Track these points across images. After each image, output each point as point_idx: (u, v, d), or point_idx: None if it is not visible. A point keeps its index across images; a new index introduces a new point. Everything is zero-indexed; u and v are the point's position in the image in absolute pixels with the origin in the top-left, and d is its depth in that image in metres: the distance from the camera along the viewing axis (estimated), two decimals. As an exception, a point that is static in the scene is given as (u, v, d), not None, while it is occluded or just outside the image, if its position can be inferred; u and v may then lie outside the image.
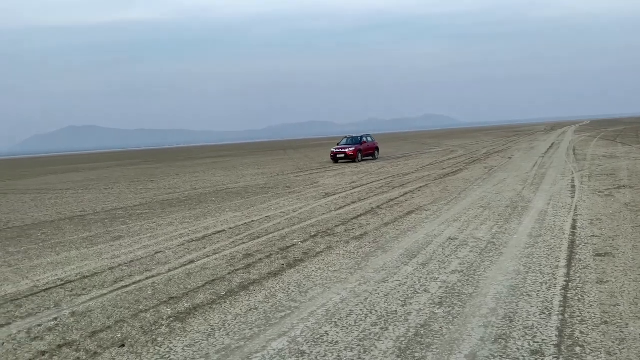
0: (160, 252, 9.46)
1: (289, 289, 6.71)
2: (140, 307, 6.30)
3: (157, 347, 5.02)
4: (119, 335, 5.39)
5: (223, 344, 5.04)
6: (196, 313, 5.95)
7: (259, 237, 10.25)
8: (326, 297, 6.30)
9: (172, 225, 12.40)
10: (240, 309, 6.01)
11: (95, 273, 8.16)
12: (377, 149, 35.56)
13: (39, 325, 5.86)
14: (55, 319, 6.05)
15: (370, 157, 34.48)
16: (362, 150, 33.18)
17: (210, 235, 10.84)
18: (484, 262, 7.43)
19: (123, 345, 5.10)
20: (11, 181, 38.34)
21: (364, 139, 34.58)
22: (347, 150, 32.44)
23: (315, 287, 6.73)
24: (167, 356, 4.81)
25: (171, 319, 5.79)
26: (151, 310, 6.13)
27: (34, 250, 10.41)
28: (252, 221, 12.25)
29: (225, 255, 8.82)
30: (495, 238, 8.93)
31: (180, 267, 8.21)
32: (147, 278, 7.65)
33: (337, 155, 32.41)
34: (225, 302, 6.29)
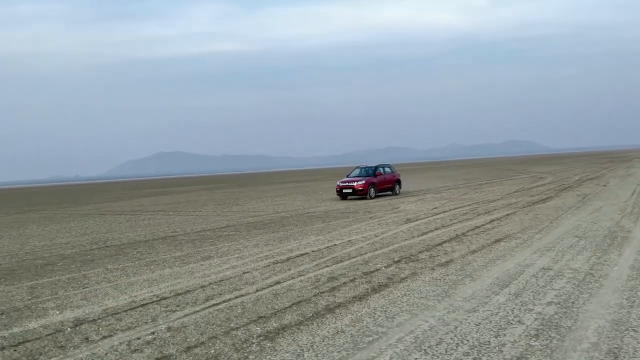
0: (248, 272, 9.72)
1: (375, 313, 6.65)
2: (231, 324, 6.48)
3: (248, 365, 5.14)
4: (212, 352, 5.57)
5: (312, 365, 5.08)
6: (285, 333, 6.04)
7: (341, 261, 10.27)
8: (414, 323, 6.18)
9: (257, 247, 12.72)
10: (328, 331, 6.03)
11: (188, 291, 8.52)
12: (398, 182, 28.90)
13: (138, 339, 6.18)
14: (153, 333, 6.37)
15: (390, 193, 28.39)
16: (375, 184, 26.92)
17: (294, 257, 11.00)
18: (583, 294, 7.00)
19: (217, 361, 5.26)
20: (108, 203, 41.06)
21: (380, 169, 27.98)
22: (355, 184, 26.47)
23: (401, 313, 6.62)
24: (258, 374, 4.91)
25: (261, 338, 5.91)
26: (242, 328, 6.30)
27: (131, 268, 11.05)
28: (334, 245, 12.32)
29: (310, 278, 8.91)
30: (593, 269, 8.40)
31: (267, 287, 8.39)
32: (236, 297, 7.88)
33: (344, 190, 26.72)
34: (312, 324, 6.34)
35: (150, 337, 6.21)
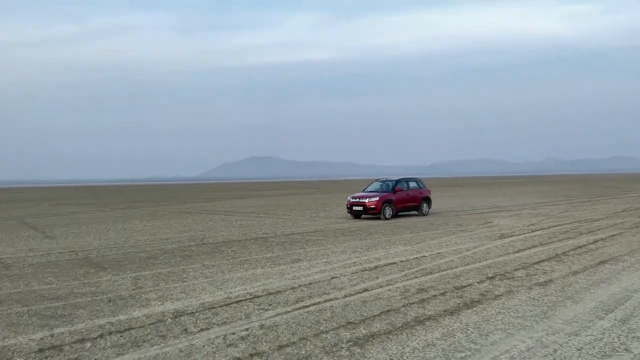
0: (336, 277, 9.81)
1: (468, 329, 6.46)
2: (321, 327, 6.58)
3: (338, 369, 5.19)
4: (303, 352, 5.68)
5: (402, 375, 5.03)
6: (374, 341, 6.03)
7: (431, 273, 10.07)
8: (509, 343, 5.93)
9: (344, 254, 12.80)
10: (418, 344, 5.94)
11: (279, 291, 8.75)
12: (426, 200, 24.40)
13: (233, 334, 6.44)
14: (247, 329, 6.61)
15: (415, 212, 24.24)
16: (393, 201, 22.71)
17: (382, 266, 10.94)
18: (703, 327, 6.36)
19: (307, 362, 5.36)
20: (203, 203, 43.12)
21: (402, 184, 23.83)
22: (367, 200, 22.48)
23: (496, 331, 6.38)
24: (348, 379, 4.94)
25: (350, 343, 5.94)
26: (331, 332, 6.37)
27: (226, 265, 11.53)
28: (423, 256, 12.11)
29: (399, 288, 8.82)
30: None
31: (356, 294, 8.42)
32: (325, 301, 7.98)
33: (354, 208, 22.90)
34: (401, 334, 6.28)
35: (244, 332, 6.45)
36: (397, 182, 23.91)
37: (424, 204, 24.30)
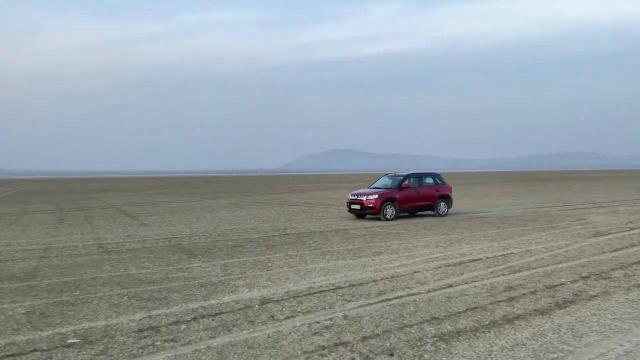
0: (419, 272, 9.71)
1: (560, 330, 6.17)
2: (405, 321, 6.55)
3: (424, 363, 5.16)
4: (387, 344, 5.70)
5: (490, 373, 4.91)
6: (460, 337, 5.92)
7: (520, 271, 9.70)
8: (605, 345, 5.61)
9: (427, 248, 12.62)
10: (506, 342, 5.76)
11: (361, 283, 8.80)
12: (443, 198, 21.29)
13: (317, 322, 6.57)
14: (331, 319, 6.72)
15: (430, 212, 21.39)
16: (397, 200, 20.00)
17: (467, 262, 10.68)
18: None
19: (392, 355, 5.37)
20: (285, 194, 44.06)
21: (410, 180, 20.97)
22: (364, 198, 20.01)
23: (591, 333, 6.05)
24: (434, 374, 4.90)
25: (435, 338, 5.88)
26: (415, 326, 6.33)
27: (309, 256, 11.75)
28: (511, 253, 11.68)
29: (485, 285, 8.58)
30: None
31: (439, 289, 8.29)
32: (408, 295, 7.93)
33: (352, 206, 20.52)
34: (489, 332, 6.12)
35: (328, 322, 6.56)
36: (405, 177, 21.02)
37: (441, 203, 21.11)
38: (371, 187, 21.78)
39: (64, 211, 27.77)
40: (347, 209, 20.86)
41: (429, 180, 21.62)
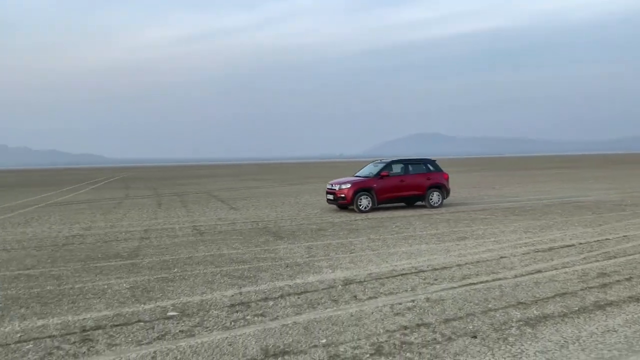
0: (505, 257, 9.49)
1: (658, 318, 5.85)
2: (489, 305, 6.49)
3: (508, 346, 5.11)
4: (470, 327, 5.70)
5: (578, 358, 4.79)
6: (547, 322, 5.79)
7: (615, 257, 9.21)
8: None
9: (515, 233, 12.25)
10: (596, 328, 5.56)
11: (444, 267, 8.77)
12: (436, 187, 18.85)
13: (399, 304, 6.67)
14: (413, 301, 6.79)
15: (421, 202, 19.17)
16: (374, 189, 17.99)
17: (557, 248, 10.28)
18: None
19: (475, 337, 5.37)
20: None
21: (391, 168, 18.83)
22: (337, 188, 18.38)
23: (694, 323, 5.68)
24: (518, 356, 4.85)
25: (521, 323, 5.79)
26: (500, 310, 6.26)
27: (390, 240, 11.82)
28: (607, 239, 11.07)
29: (576, 271, 8.25)
30: None
31: (527, 274, 8.08)
32: (493, 280, 7.81)
33: (328, 196, 18.87)
34: (578, 318, 5.92)
35: (410, 304, 6.64)
36: (387, 165, 18.92)
37: (434, 193, 18.71)
38: (356, 175, 19.79)
39: (161, 196, 29.64)
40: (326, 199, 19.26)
41: (419, 168, 19.18)
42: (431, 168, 19.32)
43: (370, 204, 17.92)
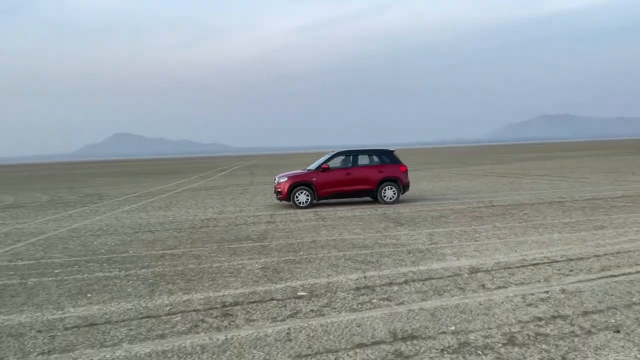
0: (651, 248, 8.66)
1: None
2: (634, 299, 6.00)
3: (659, 344, 4.71)
4: (612, 321, 5.32)
5: None
6: None
7: None
8: None
9: (662, 223, 11.11)
10: None
11: (580, 258, 8.22)
12: (389, 181, 17.05)
13: (532, 294, 6.39)
14: (546, 292, 6.47)
15: (370, 199, 17.87)
16: (312, 184, 16.80)
17: None
18: None
19: (618, 331, 5.01)
20: (490, 165, 42.32)
21: (337, 160, 17.49)
22: (276, 181, 17.60)
23: None
24: (671, 356, 4.46)
25: (673, 320, 5.29)
26: (646, 305, 5.77)
27: (519, 228, 11.30)
28: None
29: None
30: None
31: (679, 268, 7.32)
32: (637, 272, 7.19)
33: (275, 190, 17.66)
34: None
35: (544, 295, 6.34)
36: (332, 156, 17.46)
37: (386, 188, 17.02)
38: (308, 168, 18.22)
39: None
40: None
41: (371, 159, 17.55)
42: (386, 160, 17.53)
43: (309, 200, 16.85)
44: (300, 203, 16.77)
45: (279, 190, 17.13)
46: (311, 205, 16.87)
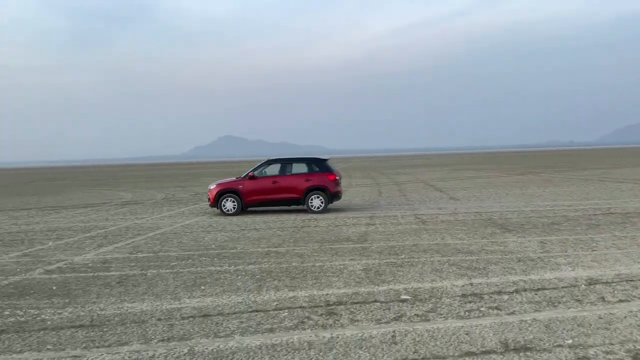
0: None
1: None
2: None
3: None
4: None
5: None
6: None
7: None
8: None
9: None
10: None
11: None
12: (316, 190, 16.65)
13: (661, 311, 5.84)
14: (678, 309, 5.88)
15: (299, 206, 17.15)
16: (238, 192, 16.72)
17: None
18: None
19: None
20: (605, 170, 39.25)
21: (265, 168, 17.27)
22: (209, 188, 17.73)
23: None
24: None
25: None
26: None
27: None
28: None
29: None
30: None
31: None
32: None
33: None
34: None
35: (675, 312, 5.77)
36: (260, 165, 17.44)
37: (313, 197, 16.69)
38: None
39: (380, 185, 30.76)
40: None
41: (301, 168, 17.29)
42: (315, 168, 17.19)
43: (236, 208, 16.78)
44: (227, 210, 16.85)
45: (209, 197, 17.41)
46: (239, 214, 16.82)
